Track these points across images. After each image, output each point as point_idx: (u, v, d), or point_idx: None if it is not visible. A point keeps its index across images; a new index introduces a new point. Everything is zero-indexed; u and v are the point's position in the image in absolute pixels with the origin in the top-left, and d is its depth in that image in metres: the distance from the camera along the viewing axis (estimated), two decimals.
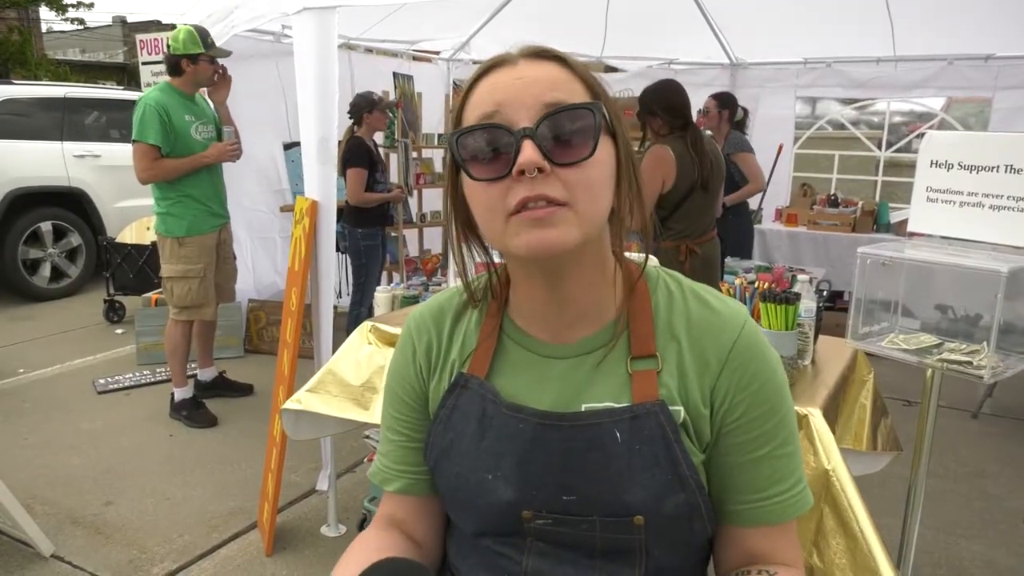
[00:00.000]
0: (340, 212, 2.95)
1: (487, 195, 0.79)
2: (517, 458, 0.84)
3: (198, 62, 3.53)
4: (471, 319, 0.94)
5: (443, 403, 0.91)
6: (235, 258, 4.09)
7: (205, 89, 3.74)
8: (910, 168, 2.10)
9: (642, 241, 3.35)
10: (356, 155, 4.18)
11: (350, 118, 4.28)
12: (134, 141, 3.45)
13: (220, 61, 3.64)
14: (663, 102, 3.11)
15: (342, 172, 4.12)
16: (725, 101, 4.59)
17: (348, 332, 2.75)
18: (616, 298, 0.88)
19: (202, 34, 3.54)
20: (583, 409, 0.84)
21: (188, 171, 3.54)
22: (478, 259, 0.91)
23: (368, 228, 4.33)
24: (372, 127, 4.33)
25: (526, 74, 0.79)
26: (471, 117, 0.80)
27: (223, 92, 3.72)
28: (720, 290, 2.00)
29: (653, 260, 0.91)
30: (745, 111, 4.76)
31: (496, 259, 0.92)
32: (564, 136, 0.76)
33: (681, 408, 0.83)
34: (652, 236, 3.14)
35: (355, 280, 4.45)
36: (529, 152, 0.74)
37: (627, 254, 0.90)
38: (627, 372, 0.85)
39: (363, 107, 4.27)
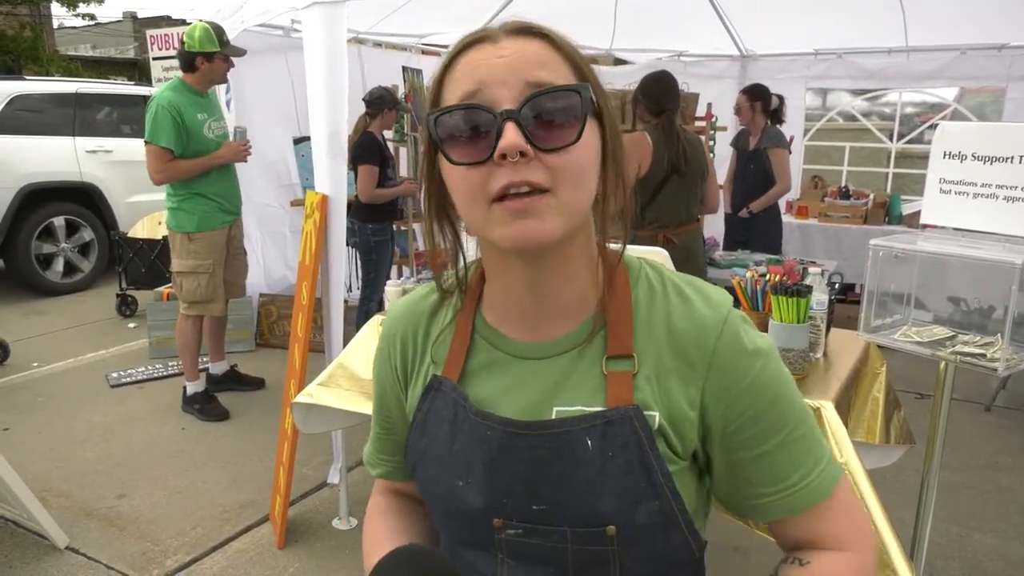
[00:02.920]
0: (348, 207, 2.96)
1: (467, 180, 0.74)
2: (485, 466, 0.81)
3: (213, 60, 3.53)
4: (446, 318, 0.90)
5: (419, 407, 0.88)
6: (245, 254, 4.10)
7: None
8: (922, 159, 2.08)
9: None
10: (368, 151, 4.17)
11: (368, 108, 4.27)
12: (147, 142, 3.45)
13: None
14: (644, 89, 3.29)
15: (352, 168, 4.12)
16: (755, 93, 4.45)
17: (358, 326, 2.75)
18: (597, 291, 0.83)
19: (218, 32, 3.52)
20: (555, 413, 0.80)
21: (202, 171, 3.55)
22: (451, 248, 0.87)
23: (377, 223, 4.33)
24: (385, 124, 4.34)
25: (509, 51, 0.74)
26: (450, 96, 0.75)
27: None
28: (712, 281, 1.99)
29: (631, 248, 0.86)
30: (780, 99, 4.57)
31: (471, 252, 0.88)
32: (549, 119, 0.72)
33: (657, 414, 0.78)
34: (632, 223, 3.16)
35: (364, 275, 4.46)
36: (512, 135, 0.70)
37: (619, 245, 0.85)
38: (602, 373, 0.80)
39: (388, 102, 4.27)
